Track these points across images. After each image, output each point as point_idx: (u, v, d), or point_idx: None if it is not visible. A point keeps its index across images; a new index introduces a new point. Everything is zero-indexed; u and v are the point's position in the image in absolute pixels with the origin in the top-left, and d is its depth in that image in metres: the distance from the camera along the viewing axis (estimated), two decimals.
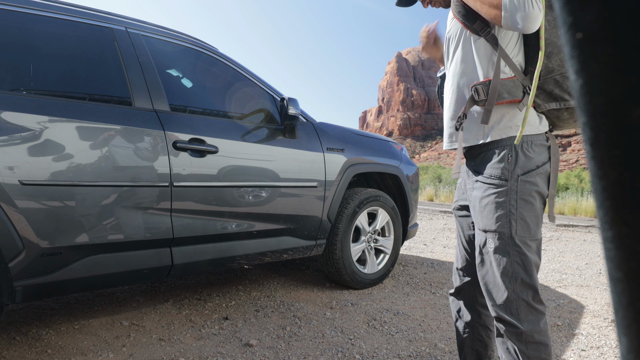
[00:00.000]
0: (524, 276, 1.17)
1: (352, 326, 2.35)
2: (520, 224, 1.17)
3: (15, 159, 1.60)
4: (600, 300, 3.07)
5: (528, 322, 1.16)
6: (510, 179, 1.18)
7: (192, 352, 1.96)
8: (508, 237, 1.17)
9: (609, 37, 0.19)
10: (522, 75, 1.20)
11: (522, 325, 1.16)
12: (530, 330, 1.16)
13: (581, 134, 0.21)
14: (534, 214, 1.18)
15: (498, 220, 1.18)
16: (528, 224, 1.17)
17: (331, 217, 2.78)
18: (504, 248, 1.18)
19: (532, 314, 1.17)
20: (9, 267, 1.61)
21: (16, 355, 1.84)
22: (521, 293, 1.17)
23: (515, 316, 1.17)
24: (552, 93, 1.17)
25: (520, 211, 1.17)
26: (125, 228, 1.89)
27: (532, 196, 1.18)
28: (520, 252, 1.17)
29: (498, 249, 1.19)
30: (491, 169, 1.21)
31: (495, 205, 1.19)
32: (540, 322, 1.17)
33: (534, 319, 1.17)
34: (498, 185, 1.19)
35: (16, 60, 1.82)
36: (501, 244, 1.18)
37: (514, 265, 1.17)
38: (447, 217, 8.97)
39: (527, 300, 1.17)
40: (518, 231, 1.17)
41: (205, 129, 2.20)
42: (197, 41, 2.52)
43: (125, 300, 2.60)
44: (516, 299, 1.17)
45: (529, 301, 1.17)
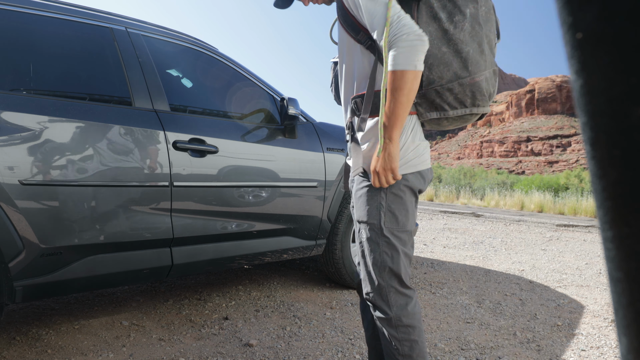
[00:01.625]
0: (391, 265, 1.23)
1: (352, 326, 2.35)
2: (389, 216, 1.23)
3: (15, 159, 1.60)
4: (600, 300, 3.07)
5: (397, 306, 1.24)
6: None
7: (192, 352, 1.96)
8: (378, 228, 1.24)
9: (609, 37, 0.19)
10: None
11: (391, 310, 1.23)
12: (397, 314, 1.23)
13: (581, 134, 0.21)
14: (404, 207, 1.24)
15: (369, 211, 1.25)
16: (396, 217, 1.24)
17: (331, 217, 2.78)
18: (375, 238, 1.25)
19: (401, 298, 1.24)
20: (9, 267, 1.61)
21: (16, 355, 1.84)
22: (389, 280, 1.24)
23: (385, 302, 1.24)
24: (433, 102, 1.22)
25: (389, 204, 1.23)
26: (125, 228, 1.89)
27: (402, 190, 1.24)
28: (388, 242, 1.23)
29: (369, 239, 1.26)
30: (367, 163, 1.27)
31: (367, 197, 1.26)
32: (408, 305, 1.24)
33: (402, 303, 1.24)
34: (370, 179, 1.25)
35: (16, 60, 1.82)
36: (372, 235, 1.25)
37: (382, 255, 1.24)
38: (447, 217, 8.98)
39: (394, 286, 1.24)
40: (386, 223, 1.23)
41: (205, 129, 2.20)
42: (197, 41, 2.52)
43: (125, 300, 2.60)
44: (385, 286, 1.24)
45: (396, 287, 1.24)
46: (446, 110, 1.21)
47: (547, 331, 2.40)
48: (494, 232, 6.75)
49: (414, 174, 1.26)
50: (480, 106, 1.22)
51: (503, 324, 2.49)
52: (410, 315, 1.24)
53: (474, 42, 1.18)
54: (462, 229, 6.93)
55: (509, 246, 5.37)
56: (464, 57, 1.17)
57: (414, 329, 1.24)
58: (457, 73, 1.18)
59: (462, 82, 1.18)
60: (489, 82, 1.22)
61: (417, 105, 1.24)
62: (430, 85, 1.20)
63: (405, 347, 1.23)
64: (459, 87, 1.19)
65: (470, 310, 2.70)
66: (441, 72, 1.18)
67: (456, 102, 1.20)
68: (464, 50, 1.17)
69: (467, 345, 2.16)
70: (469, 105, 1.21)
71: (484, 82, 1.21)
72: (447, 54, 1.17)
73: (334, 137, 2.87)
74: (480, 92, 1.20)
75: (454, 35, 1.16)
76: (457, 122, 1.28)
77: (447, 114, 1.22)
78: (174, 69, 2.54)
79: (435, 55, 1.17)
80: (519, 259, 4.51)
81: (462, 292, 3.12)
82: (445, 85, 1.18)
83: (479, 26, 1.19)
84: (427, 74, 1.19)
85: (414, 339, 1.23)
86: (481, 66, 1.19)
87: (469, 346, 2.15)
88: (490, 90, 1.24)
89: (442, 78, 1.18)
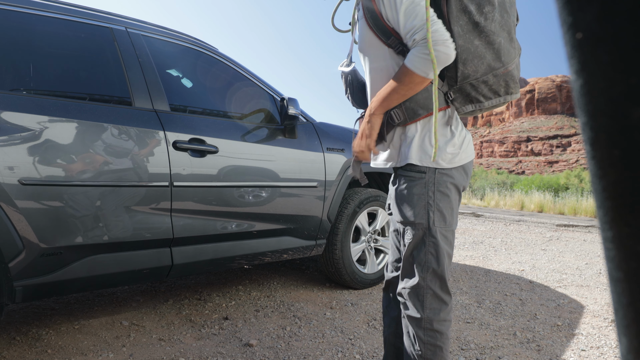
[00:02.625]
0: (435, 266, 1.22)
1: (352, 326, 2.35)
2: (437, 215, 1.21)
3: (15, 159, 1.60)
4: (600, 300, 3.07)
5: (430, 309, 1.22)
6: (428, 171, 1.22)
7: (192, 352, 1.96)
8: (425, 228, 1.22)
9: (609, 37, 0.19)
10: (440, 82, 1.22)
11: (423, 312, 1.21)
12: (429, 317, 1.21)
13: (581, 134, 0.21)
14: (450, 206, 1.23)
15: (417, 211, 1.23)
16: (444, 215, 1.22)
17: (331, 217, 2.78)
18: (421, 238, 1.23)
19: (436, 303, 1.22)
20: (9, 267, 1.61)
21: (16, 355, 1.84)
22: (430, 282, 1.22)
23: (420, 302, 1.22)
24: (469, 96, 1.21)
25: (437, 202, 1.22)
26: (125, 228, 1.89)
27: (448, 188, 1.22)
28: (435, 243, 1.22)
29: (415, 239, 1.24)
30: None
31: (413, 196, 1.23)
32: (441, 311, 1.22)
33: (437, 307, 1.22)
34: (417, 178, 1.23)
35: (16, 60, 1.81)
36: (418, 234, 1.23)
37: (427, 255, 1.22)
38: None
39: (434, 289, 1.22)
40: (435, 222, 1.21)
41: (205, 129, 2.20)
42: (197, 41, 2.52)
43: (125, 300, 2.60)
44: (425, 286, 1.22)
45: (435, 290, 1.22)
46: (481, 102, 1.22)
47: (547, 331, 2.40)
48: (494, 232, 6.75)
49: (459, 170, 1.24)
50: (514, 93, 1.24)
51: (503, 324, 2.49)
52: (441, 321, 1.22)
53: (504, 32, 1.18)
54: (462, 229, 6.93)
55: (509, 246, 5.37)
56: (497, 49, 1.17)
57: (442, 335, 1.22)
58: (490, 65, 1.18)
59: (496, 74, 1.18)
60: (518, 68, 1.24)
61: (453, 101, 1.23)
62: (466, 79, 1.19)
63: (428, 352, 1.21)
64: (494, 79, 1.19)
65: (470, 310, 2.70)
66: (476, 66, 1.17)
67: (491, 93, 1.21)
68: (496, 42, 1.17)
69: (467, 345, 2.16)
70: (503, 94, 1.22)
71: (515, 69, 1.22)
72: (480, 46, 1.16)
73: (334, 137, 2.87)
74: (513, 80, 1.22)
75: (485, 27, 1.16)
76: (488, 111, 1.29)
77: (483, 106, 1.22)
78: (174, 69, 2.54)
79: (468, 49, 1.16)
80: (519, 259, 4.51)
81: (462, 292, 3.12)
82: (480, 78, 1.18)
83: (507, 14, 1.19)
84: (462, 69, 1.18)
85: (439, 345, 1.21)
86: (512, 54, 1.20)
87: (469, 346, 2.15)
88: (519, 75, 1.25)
89: (477, 72, 1.18)
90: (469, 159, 1.27)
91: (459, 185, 1.25)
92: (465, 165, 1.26)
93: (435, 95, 1.14)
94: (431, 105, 1.19)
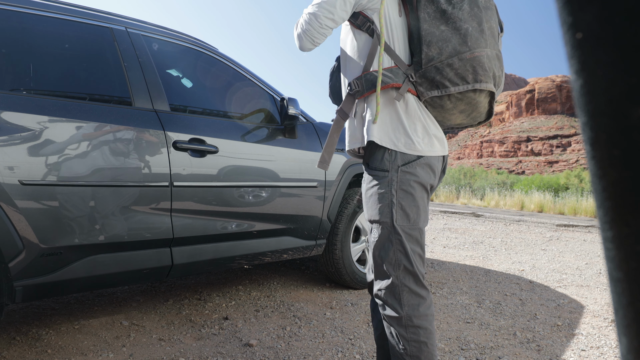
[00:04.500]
0: (406, 263, 1.22)
1: (352, 326, 2.35)
2: (400, 214, 1.22)
3: (15, 159, 1.60)
4: (600, 300, 3.07)
5: (409, 306, 1.22)
6: (391, 169, 1.23)
7: (192, 352, 1.96)
8: (390, 227, 1.23)
9: (609, 37, 0.19)
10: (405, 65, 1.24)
11: (402, 309, 1.22)
12: (408, 314, 1.22)
13: (581, 134, 0.21)
14: (414, 204, 1.23)
15: (381, 210, 1.24)
16: (407, 214, 1.23)
17: (331, 217, 2.78)
18: (388, 237, 1.24)
19: (414, 299, 1.23)
20: (9, 267, 1.61)
21: (16, 355, 1.84)
22: (404, 279, 1.23)
23: (397, 300, 1.23)
24: (433, 80, 1.20)
25: (399, 201, 1.22)
26: (125, 228, 1.89)
27: (412, 186, 1.23)
28: (400, 240, 1.22)
29: (382, 237, 1.25)
30: (376, 160, 1.26)
31: (378, 196, 1.25)
32: (420, 306, 1.23)
33: (415, 303, 1.23)
34: (380, 176, 1.25)
35: (16, 60, 1.81)
36: (384, 233, 1.24)
37: (396, 253, 1.23)
38: (447, 217, 8.98)
39: (409, 285, 1.23)
40: (398, 220, 1.22)
41: (205, 129, 2.20)
42: (197, 41, 2.52)
43: (125, 300, 2.60)
44: (399, 284, 1.23)
45: (411, 287, 1.23)
46: (447, 87, 1.19)
47: (547, 331, 2.40)
48: (494, 232, 6.75)
49: (423, 167, 1.23)
50: (483, 82, 1.19)
51: (503, 324, 2.49)
52: (421, 317, 1.22)
53: (474, 21, 1.17)
54: (462, 229, 6.93)
55: (509, 246, 5.37)
56: (463, 33, 1.16)
57: (425, 330, 1.22)
58: (456, 48, 1.16)
59: (462, 57, 1.16)
60: (491, 60, 1.20)
61: (417, 85, 1.22)
62: (430, 62, 1.18)
63: (413, 348, 1.21)
64: (459, 62, 1.16)
65: (470, 310, 2.70)
66: (440, 48, 1.17)
67: (457, 78, 1.18)
68: (463, 27, 1.16)
69: (467, 345, 2.16)
70: (471, 80, 1.18)
71: (485, 58, 1.18)
72: (446, 31, 1.16)
73: None
74: (482, 66, 1.17)
75: (452, 14, 1.16)
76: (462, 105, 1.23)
77: (449, 90, 1.19)
78: (174, 69, 2.54)
79: (432, 33, 1.17)
80: (519, 259, 4.51)
81: (462, 292, 3.12)
82: (445, 60, 1.17)
83: (477, 9, 1.18)
84: (425, 51, 1.18)
85: (423, 340, 1.21)
86: (481, 43, 1.17)
87: (469, 346, 2.15)
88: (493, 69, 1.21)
89: (442, 54, 1.17)
90: (433, 153, 1.25)
91: (424, 184, 1.24)
92: (430, 162, 1.25)
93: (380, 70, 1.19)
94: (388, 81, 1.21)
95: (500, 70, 1.25)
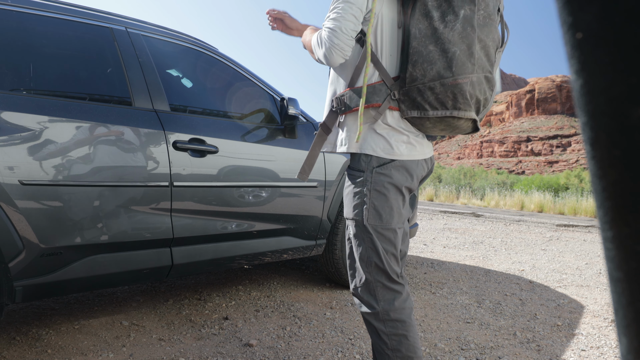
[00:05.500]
0: (377, 261, 1.25)
1: (352, 326, 2.35)
2: (372, 213, 1.25)
3: (15, 159, 1.60)
4: (600, 300, 3.07)
5: (384, 301, 1.25)
6: (367, 170, 1.26)
7: (192, 352, 1.96)
8: (361, 225, 1.26)
9: (609, 37, 0.19)
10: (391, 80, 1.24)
11: (378, 305, 1.25)
12: (385, 309, 1.24)
13: (581, 134, 0.21)
14: (387, 205, 1.25)
15: (355, 208, 1.28)
16: (380, 214, 1.25)
17: (331, 217, 2.78)
18: (360, 235, 1.27)
19: (388, 294, 1.26)
20: (9, 267, 1.61)
21: (16, 355, 1.84)
22: (376, 275, 1.26)
23: (373, 296, 1.26)
24: (414, 101, 1.20)
25: (372, 201, 1.25)
26: (125, 228, 1.89)
27: (386, 187, 1.25)
28: (371, 239, 1.25)
29: (355, 236, 1.29)
30: (354, 161, 1.31)
31: (353, 194, 1.29)
32: (395, 300, 1.25)
33: (390, 298, 1.25)
34: (357, 176, 1.28)
35: (16, 60, 1.82)
36: (357, 231, 1.28)
37: (368, 251, 1.26)
38: (447, 217, 8.98)
39: (382, 281, 1.26)
40: (369, 219, 1.25)
41: (205, 129, 2.20)
42: (197, 41, 2.52)
43: (125, 300, 2.60)
44: (372, 280, 1.26)
45: (384, 282, 1.26)
46: (426, 110, 1.19)
47: (547, 331, 2.40)
48: (494, 232, 6.75)
49: (399, 170, 1.25)
50: (462, 110, 1.18)
51: (503, 324, 2.49)
52: (398, 310, 1.25)
53: (463, 44, 1.15)
54: (462, 229, 6.93)
55: (509, 246, 5.37)
56: (449, 57, 1.15)
57: (403, 323, 1.24)
58: (440, 72, 1.15)
59: (444, 82, 1.16)
60: (475, 86, 1.18)
61: (400, 102, 1.23)
62: (413, 82, 1.19)
63: (393, 342, 1.23)
64: (441, 87, 1.16)
65: (470, 310, 2.70)
66: (424, 70, 1.17)
67: (437, 103, 1.18)
68: (450, 50, 1.15)
69: (467, 345, 2.16)
70: (450, 107, 1.17)
71: (468, 85, 1.17)
72: (433, 52, 1.16)
73: None
74: (463, 95, 1.16)
75: (443, 34, 1.15)
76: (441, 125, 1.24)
77: (427, 114, 1.19)
78: (174, 69, 2.54)
79: (420, 52, 1.17)
80: (519, 259, 4.51)
81: (462, 292, 3.12)
82: (427, 83, 1.17)
83: (471, 28, 1.16)
84: (410, 71, 1.18)
85: (402, 333, 1.24)
86: (467, 69, 1.16)
87: (469, 346, 2.15)
88: (477, 95, 1.19)
89: (425, 76, 1.17)
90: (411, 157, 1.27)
91: (398, 185, 1.26)
92: (407, 165, 1.26)
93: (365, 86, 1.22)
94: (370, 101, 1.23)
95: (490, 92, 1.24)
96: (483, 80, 1.20)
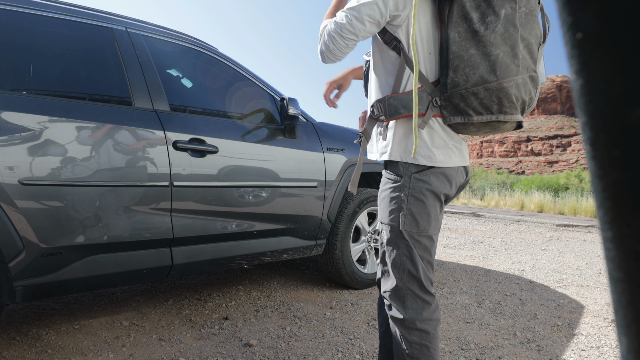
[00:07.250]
0: (411, 268, 1.23)
1: (352, 326, 2.35)
2: (409, 219, 1.22)
3: (15, 159, 1.60)
4: (600, 300, 3.07)
5: (412, 310, 1.23)
6: (405, 175, 1.23)
7: (192, 352, 1.96)
8: (397, 231, 1.24)
9: (609, 37, 0.19)
10: (431, 86, 1.20)
11: (406, 313, 1.23)
12: (412, 317, 1.22)
13: (581, 134, 0.21)
14: (425, 211, 1.23)
15: (391, 213, 1.25)
16: (417, 220, 1.22)
17: (331, 217, 2.78)
18: (394, 240, 1.25)
19: (418, 303, 1.23)
20: (9, 267, 1.61)
21: (16, 355, 1.84)
22: (408, 283, 1.23)
23: (401, 303, 1.24)
24: (457, 107, 1.17)
25: (410, 207, 1.22)
26: (125, 228, 1.89)
27: (424, 194, 1.22)
28: (407, 245, 1.23)
29: (389, 241, 1.26)
30: (392, 165, 1.28)
31: (389, 199, 1.26)
32: (424, 311, 1.23)
33: (419, 307, 1.23)
34: (394, 181, 1.25)
35: (16, 60, 1.81)
36: (392, 236, 1.25)
37: (402, 257, 1.24)
38: (447, 217, 8.98)
39: (413, 290, 1.23)
40: (406, 226, 1.22)
41: (205, 129, 2.20)
42: (197, 41, 2.52)
43: (125, 300, 2.60)
44: (403, 287, 1.24)
45: (415, 291, 1.23)
46: (470, 116, 1.16)
47: (547, 331, 2.40)
48: (494, 232, 6.75)
49: (438, 176, 1.22)
50: (508, 114, 1.15)
51: (503, 324, 2.49)
52: (425, 321, 1.22)
53: (506, 45, 1.10)
54: (462, 229, 6.93)
55: (509, 246, 5.37)
56: (493, 61, 1.10)
57: (427, 334, 1.22)
58: (483, 77, 1.11)
59: (488, 87, 1.11)
60: (520, 88, 1.14)
61: (442, 109, 1.19)
62: (455, 88, 1.14)
63: (415, 350, 1.22)
64: (485, 92, 1.12)
65: (470, 310, 2.70)
66: (467, 75, 1.12)
67: (481, 108, 1.14)
68: (493, 53, 1.10)
69: (467, 345, 2.16)
70: (495, 112, 1.14)
71: (514, 88, 1.13)
72: (475, 56, 1.11)
73: (334, 137, 2.87)
74: (508, 98, 1.13)
75: (484, 36, 1.10)
76: (486, 129, 1.21)
77: (472, 119, 1.16)
78: (174, 69, 2.54)
79: (461, 57, 1.12)
80: (519, 259, 4.51)
81: (462, 292, 3.12)
82: (470, 89, 1.12)
83: (513, 28, 1.11)
84: (451, 77, 1.14)
85: (425, 343, 1.22)
86: (512, 71, 1.12)
87: (469, 346, 2.15)
88: (522, 97, 1.16)
89: (468, 81, 1.12)
90: (450, 164, 1.24)
91: (437, 192, 1.23)
92: (446, 171, 1.23)
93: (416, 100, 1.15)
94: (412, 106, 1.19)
95: (534, 90, 1.20)
96: (528, 80, 1.16)
